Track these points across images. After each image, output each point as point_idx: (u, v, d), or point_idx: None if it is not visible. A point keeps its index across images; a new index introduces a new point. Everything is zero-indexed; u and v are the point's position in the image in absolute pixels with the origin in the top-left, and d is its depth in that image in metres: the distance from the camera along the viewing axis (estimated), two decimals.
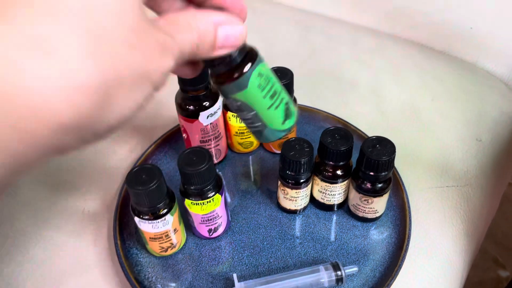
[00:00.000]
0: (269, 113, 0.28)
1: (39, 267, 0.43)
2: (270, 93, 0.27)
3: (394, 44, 0.68)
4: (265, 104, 0.28)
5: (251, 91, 0.27)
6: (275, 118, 0.29)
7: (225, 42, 0.24)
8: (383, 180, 0.41)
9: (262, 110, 0.28)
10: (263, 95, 0.27)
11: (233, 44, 0.24)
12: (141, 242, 0.43)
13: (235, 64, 0.27)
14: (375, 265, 0.42)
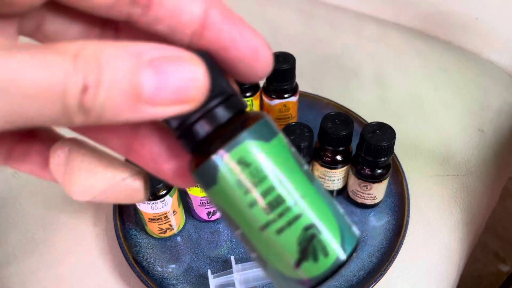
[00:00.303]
0: (264, 240, 0.16)
1: (38, 246, 0.44)
2: (265, 201, 0.16)
3: (398, 33, 0.67)
4: (254, 219, 0.16)
5: (225, 192, 0.16)
6: (277, 252, 0.16)
7: (160, 94, 0.14)
8: (382, 166, 0.41)
9: (249, 230, 0.17)
10: (248, 201, 0.16)
11: (175, 100, 0.14)
12: (140, 223, 0.44)
13: (192, 145, 0.17)
14: (372, 250, 0.42)
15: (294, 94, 0.47)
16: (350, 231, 0.17)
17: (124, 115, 0.13)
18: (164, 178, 0.18)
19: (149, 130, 0.17)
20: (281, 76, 0.45)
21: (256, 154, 0.16)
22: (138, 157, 0.17)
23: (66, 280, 0.42)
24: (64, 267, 0.42)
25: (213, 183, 0.16)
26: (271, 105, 0.48)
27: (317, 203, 0.16)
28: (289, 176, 0.16)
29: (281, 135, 0.17)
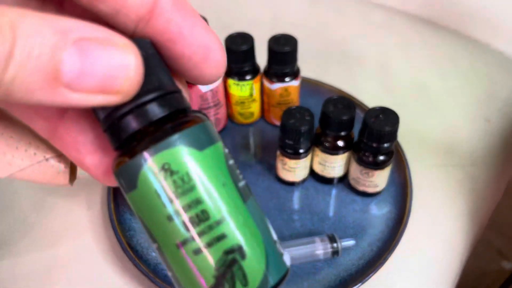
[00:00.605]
0: (179, 258, 0.15)
1: (32, 229, 0.43)
2: (186, 214, 0.14)
3: (405, 21, 0.66)
4: (171, 234, 0.14)
5: (144, 200, 0.14)
6: (191, 274, 0.15)
7: (83, 79, 0.12)
8: (385, 152, 0.40)
9: (164, 245, 0.15)
10: (167, 214, 0.14)
11: (100, 88, 0.12)
12: None
13: (117, 138, 0.15)
14: (373, 239, 0.41)
15: (296, 78, 0.46)
16: (279, 260, 0.15)
17: (37, 96, 0.12)
18: (86, 171, 0.16)
19: (77, 115, 0.16)
20: (282, 59, 0.43)
21: (184, 162, 0.14)
22: (61, 143, 0.16)
23: (58, 263, 0.41)
24: (57, 250, 0.41)
25: (133, 187, 0.14)
26: (272, 90, 0.46)
27: (245, 225, 0.15)
28: (219, 191, 0.14)
29: (219, 144, 0.15)
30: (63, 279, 0.39)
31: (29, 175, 0.16)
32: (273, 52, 0.43)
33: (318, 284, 0.38)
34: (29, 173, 0.16)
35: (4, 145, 0.16)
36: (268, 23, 0.63)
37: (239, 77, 0.45)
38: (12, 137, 0.16)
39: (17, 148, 0.16)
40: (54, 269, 0.40)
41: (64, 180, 0.17)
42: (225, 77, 0.46)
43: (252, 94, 0.47)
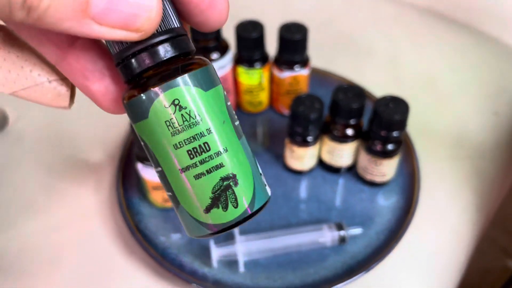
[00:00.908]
0: (181, 181, 0.17)
1: (40, 212, 0.43)
2: (190, 145, 0.16)
3: (415, 14, 0.66)
4: (175, 160, 0.16)
5: (154, 129, 0.16)
6: (190, 195, 0.17)
7: (109, 14, 0.14)
8: (394, 141, 0.40)
9: (168, 169, 0.17)
10: (174, 142, 0.16)
11: (123, 24, 0.14)
12: (142, 193, 0.43)
13: (131, 74, 0.16)
14: (380, 228, 0.41)
15: (305, 66, 0.46)
16: (263, 190, 0.18)
17: (66, 24, 0.13)
18: (90, 98, 0.17)
19: (88, 44, 0.17)
20: (292, 47, 0.43)
21: (192, 99, 0.16)
22: (69, 69, 0.17)
23: (66, 246, 0.41)
24: (65, 233, 0.42)
25: (143, 117, 0.16)
26: (281, 78, 0.46)
27: (239, 158, 0.17)
28: (219, 127, 0.16)
29: (220, 86, 0.17)
30: (71, 262, 0.40)
31: (31, 95, 0.17)
32: (284, 40, 0.43)
33: (325, 270, 0.38)
34: (31, 93, 0.17)
35: (10, 63, 0.16)
36: (279, 12, 0.63)
37: (249, 64, 0.45)
38: (18, 57, 0.17)
39: (22, 67, 0.17)
40: (62, 252, 0.40)
41: (64, 103, 0.18)
42: (235, 64, 0.46)
43: (261, 82, 0.47)
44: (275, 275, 0.38)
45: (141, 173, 0.39)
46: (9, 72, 0.17)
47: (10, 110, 0.50)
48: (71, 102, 0.18)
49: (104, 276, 0.39)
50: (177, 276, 0.37)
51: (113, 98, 0.17)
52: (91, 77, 0.17)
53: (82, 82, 0.17)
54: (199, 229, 0.17)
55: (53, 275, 0.39)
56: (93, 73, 0.17)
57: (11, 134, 0.49)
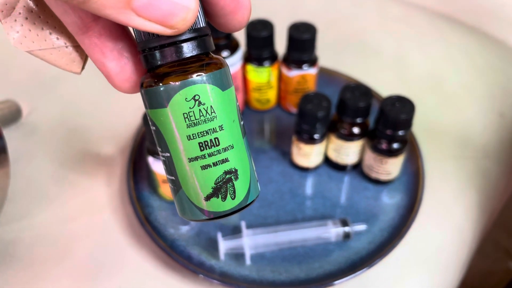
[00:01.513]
0: (187, 169, 0.18)
1: (52, 203, 0.44)
2: (202, 138, 0.17)
3: (422, 15, 0.66)
4: (186, 150, 0.18)
5: (169, 118, 0.17)
6: (193, 182, 0.18)
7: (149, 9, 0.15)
8: (399, 140, 0.40)
9: (177, 156, 0.18)
10: (188, 133, 0.17)
11: (160, 19, 0.15)
12: (152, 186, 0.44)
13: (155, 64, 0.17)
14: (384, 225, 0.41)
15: (313, 65, 0.47)
16: (256, 185, 0.20)
17: (107, 11, 0.14)
18: (103, 73, 0.18)
19: (112, 22, 0.17)
20: (301, 46, 0.44)
21: (211, 97, 0.17)
22: (88, 42, 0.17)
23: (77, 237, 0.42)
24: (76, 224, 0.43)
25: (161, 106, 0.17)
26: (289, 77, 0.47)
27: (241, 155, 0.18)
28: (229, 125, 0.18)
29: (232, 88, 0.18)
30: (82, 252, 0.41)
31: (46, 56, 0.18)
32: (293, 39, 0.44)
33: (329, 265, 0.39)
34: (47, 54, 0.18)
35: (31, 22, 0.17)
36: (288, 12, 0.64)
37: (258, 63, 0.46)
38: (41, 18, 0.17)
39: (42, 29, 0.17)
40: (73, 242, 0.42)
41: (77, 69, 0.19)
42: (244, 62, 0.47)
43: (270, 80, 0.48)
44: (280, 269, 0.39)
45: (152, 166, 0.40)
46: (29, 31, 0.17)
47: (24, 103, 0.51)
48: (83, 68, 0.19)
49: (114, 266, 0.40)
50: (185, 267, 0.38)
51: (126, 79, 0.18)
52: (109, 54, 0.18)
53: (98, 57, 0.18)
54: (196, 213, 0.19)
55: (64, 264, 0.40)
56: (112, 51, 0.18)
57: (25, 127, 0.51)
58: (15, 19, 0.17)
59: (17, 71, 0.57)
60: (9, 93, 0.52)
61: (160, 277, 0.39)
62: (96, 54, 0.18)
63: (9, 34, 0.17)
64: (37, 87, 0.55)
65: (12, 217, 0.43)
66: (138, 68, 0.18)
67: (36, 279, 0.39)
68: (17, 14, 0.17)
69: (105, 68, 0.18)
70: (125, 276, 0.39)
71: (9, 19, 0.17)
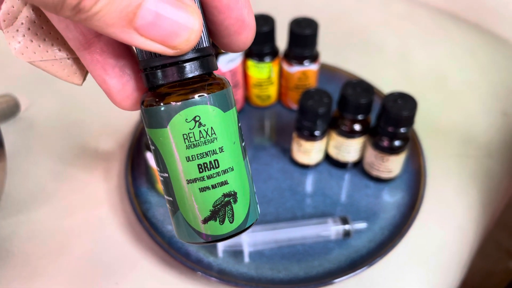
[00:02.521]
0: (185, 191, 0.18)
1: (50, 198, 0.44)
2: (202, 160, 0.17)
3: (426, 12, 0.66)
4: (185, 171, 0.17)
5: (169, 138, 0.17)
6: (191, 205, 0.18)
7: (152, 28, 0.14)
8: (401, 137, 0.40)
9: (175, 177, 0.18)
10: (187, 155, 0.17)
11: (162, 39, 0.15)
12: (151, 182, 0.43)
13: (156, 83, 0.17)
14: (385, 224, 0.41)
15: (314, 61, 0.46)
16: (256, 208, 0.19)
17: (110, 29, 0.14)
18: (104, 90, 0.18)
19: (116, 42, 0.17)
20: (302, 42, 0.44)
21: (212, 119, 0.17)
22: (90, 59, 0.17)
23: (74, 232, 0.42)
24: (74, 220, 0.42)
25: (161, 126, 0.17)
26: (290, 73, 0.47)
27: (241, 177, 0.18)
28: (230, 147, 0.17)
29: (235, 108, 0.18)
30: (79, 248, 0.40)
31: (48, 67, 0.18)
32: (294, 35, 0.44)
33: (329, 263, 0.38)
34: (49, 65, 0.18)
35: (33, 33, 0.17)
36: (289, 7, 0.63)
37: (259, 58, 0.46)
38: (43, 28, 0.17)
39: (44, 40, 0.17)
40: (70, 238, 0.41)
41: (78, 81, 0.19)
42: (245, 58, 0.47)
43: (270, 76, 0.48)
44: (279, 267, 0.38)
45: (150, 162, 0.40)
46: (31, 42, 0.17)
47: (22, 97, 0.51)
48: (84, 80, 0.19)
49: (111, 263, 0.39)
50: (183, 264, 0.37)
51: (127, 96, 0.18)
52: (110, 71, 0.17)
53: (99, 74, 0.17)
54: (193, 236, 0.18)
55: (61, 260, 0.39)
56: (113, 69, 0.17)
57: (23, 121, 0.50)
58: (17, 29, 0.17)
59: (15, 65, 0.56)
60: (7, 87, 0.52)
61: (158, 274, 0.39)
62: (97, 71, 0.17)
63: (10, 44, 0.17)
64: (35, 82, 0.54)
65: (9, 212, 0.42)
66: (140, 86, 0.18)
67: (33, 275, 0.38)
68: (19, 24, 0.17)
69: (106, 85, 0.18)
70: (122, 273, 0.39)
71: (11, 29, 0.17)
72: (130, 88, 0.18)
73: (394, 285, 0.39)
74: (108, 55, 0.17)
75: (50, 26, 0.17)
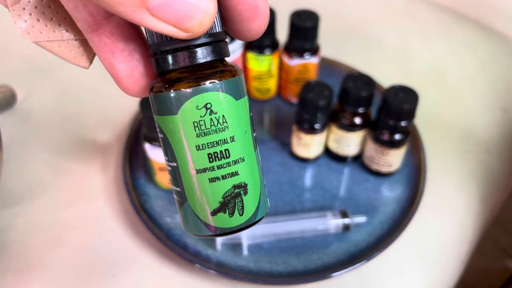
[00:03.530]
0: (194, 181, 0.17)
1: (47, 190, 0.43)
2: (212, 149, 0.16)
3: (426, 8, 0.65)
4: (194, 160, 0.17)
5: (178, 126, 0.16)
6: (200, 196, 0.17)
7: (165, 9, 0.14)
8: (401, 131, 0.40)
9: (184, 167, 0.17)
10: (197, 143, 0.16)
11: (175, 21, 0.14)
12: (149, 174, 0.43)
13: (166, 69, 0.16)
14: (384, 218, 0.41)
15: (315, 54, 0.46)
16: (266, 202, 0.19)
17: (121, 7, 0.13)
18: (111, 74, 0.17)
19: (124, 22, 0.17)
20: (303, 34, 0.43)
21: (223, 106, 0.16)
22: (98, 41, 0.17)
23: (71, 224, 0.41)
24: (70, 212, 0.42)
25: (170, 113, 0.16)
26: (290, 66, 0.46)
27: (252, 169, 0.17)
28: (241, 137, 0.17)
29: (247, 97, 0.18)
30: (76, 240, 0.40)
31: (54, 48, 0.17)
32: (295, 27, 0.43)
33: (328, 257, 0.38)
34: (55, 46, 0.17)
35: (40, 12, 0.16)
36: (290, 0, 0.63)
37: (259, 50, 0.45)
38: (50, 7, 0.16)
39: (52, 19, 0.16)
40: (67, 230, 0.41)
41: (85, 63, 0.18)
42: (245, 50, 0.46)
43: (270, 69, 0.47)
44: (278, 260, 0.38)
45: (148, 153, 0.39)
46: (37, 21, 0.16)
47: (18, 88, 0.50)
48: (91, 63, 0.18)
49: (108, 255, 0.39)
50: (181, 256, 0.37)
51: (135, 81, 0.17)
52: (119, 55, 0.17)
53: (107, 57, 0.17)
54: (200, 229, 0.18)
55: (58, 252, 0.39)
56: (122, 52, 0.17)
57: (19, 113, 0.50)
58: (23, 8, 0.16)
59: (13, 56, 0.56)
60: (4, 78, 0.51)
61: (156, 266, 0.38)
62: (105, 54, 0.17)
63: (16, 23, 0.16)
64: (33, 73, 0.54)
65: (5, 204, 0.42)
66: (148, 71, 0.17)
67: (29, 267, 0.38)
68: (26, 2, 0.16)
69: (114, 69, 0.17)
70: (119, 265, 0.38)
71: (17, 7, 0.16)
72: (139, 73, 0.17)
73: (393, 279, 0.38)
74: (117, 38, 0.17)
75: (57, 5, 0.17)
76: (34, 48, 0.55)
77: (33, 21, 0.16)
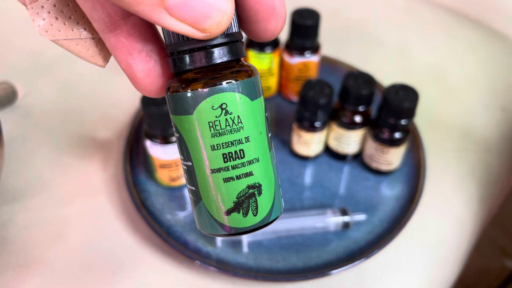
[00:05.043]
0: (209, 180, 0.17)
1: (47, 186, 0.44)
2: (227, 149, 0.17)
3: (427, 7, 0.65)
4: (209, 160, 0.17)
5: (194, 126, 0.17)
6: (215, 195, 0.17)
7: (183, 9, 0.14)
8: (402, 129, 0.40)
9: (199, 166, 0.17)
10: (212, 143, 0.17)
11: (193, 21, 0.14)
12: (149, 171, 0.43)
13: (183, 69, 0.17)
14: (384, 216, 0.41)
15: (316, 52, 0.46)
16: (280, 202, 0.19)
17: (140, 6, 0.14)
18: (128, 75, 0.17)
19: (141, 22, 0.17)
20: (303, 32, 0.44)
21: (239, 107, 0.16)
22: (115, 41, 0.17)
23: (71, 221, 0.41)
24: (71, 208, 0.42)
25: (187, 113, 0.16)
26: (291, 64, 0.47)
27: (267, 169, 0.18)
28: (256, 137, 0.17)
29: (262, 97, 0.18)
30: (76, 236, 0.40)
31: (71, 47, 0.17)
32: (295, 25, 0.43)
33: (327, 254, 0.38)
34: (73, 44, 0.17)
35: (59, 10, 0.16)
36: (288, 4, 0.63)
37: (260, 48, 0.46)
38: (69, 6, 0.16)
39: (70, 18, 0.16)
40: (67, 226, 0.41)
41: (102, 62, 0.18)
42: (246, 48, 0.47)
43: (271, 67, 0.47)
44: (277, 257, 0.38)
45: (149, 150, 0.39)
46: (56, 19, 0.16)
47: (19, 85, 0.50)
48: (107, 62, 0.18)
49: (109, 251, 0.39)
50: (181, 253, 0.37)
51: (152, 82, 0.17)
52: (136, 56, 0.17)
53: (124, 58, 0.17)
54: (215, 228, 0.18)
55: (58, 248, 0.39)
56: (140, 53, 0.17)
57: (20, 109, 0.50)
58: (42, 5, 0.16)
59: (14, 52, 0.56)
60: (5, 74, 0.51)
61: (156, 263, 0.38)
62: (122, 55, 0.17)
63: (34, 21, 0.16)
64: (34, 69, 0.54)
65: (5, 199, 0.42)
66: (165, 71, 0.18)
67: (29, 262, 0.38)
68: (44, 1, 0.16)
69: (131, 69, 0.17)
70: (120, 261, 0.39)
71: (36, 5, 0.16)
72: (156, 74, 0.17)
73: (392, 277, 0.39)
74: (135, 38, 0.16)
75: (75, 5, 0.16)
76: (34, 45, 0.56)
77: (51, 19, 0.16)
